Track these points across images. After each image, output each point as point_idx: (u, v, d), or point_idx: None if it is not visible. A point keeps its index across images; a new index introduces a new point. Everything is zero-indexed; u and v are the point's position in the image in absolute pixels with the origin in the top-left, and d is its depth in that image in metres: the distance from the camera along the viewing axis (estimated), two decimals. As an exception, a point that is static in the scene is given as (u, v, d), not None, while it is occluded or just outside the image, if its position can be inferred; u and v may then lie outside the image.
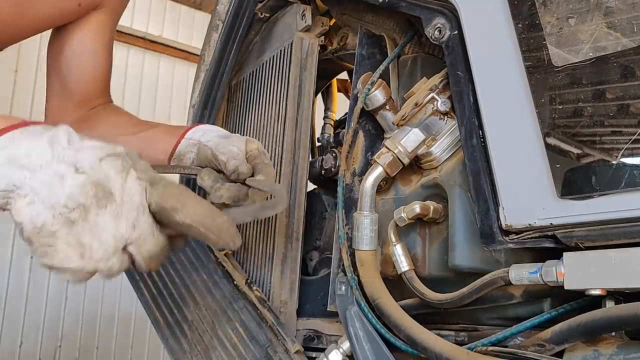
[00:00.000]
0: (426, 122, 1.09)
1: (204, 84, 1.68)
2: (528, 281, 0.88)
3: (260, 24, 1.68)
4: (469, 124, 0.98)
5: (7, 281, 4.81)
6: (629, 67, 0.80)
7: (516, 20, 0.90)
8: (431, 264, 1.09)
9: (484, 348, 0.94)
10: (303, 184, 1.40)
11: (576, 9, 0.84)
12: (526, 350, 0.88)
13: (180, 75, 5.82)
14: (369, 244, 1.12)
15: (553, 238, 0.87)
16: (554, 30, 0.86)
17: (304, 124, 1.43)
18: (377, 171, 1.10)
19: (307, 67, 1.45)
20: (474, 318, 1.08)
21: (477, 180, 0.96)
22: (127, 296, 5.12)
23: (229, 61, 1.62)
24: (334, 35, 1.55)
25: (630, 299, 0.79)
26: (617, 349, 0.80)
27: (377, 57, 1.30)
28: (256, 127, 1.60)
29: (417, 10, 1.10)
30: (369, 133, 1.26)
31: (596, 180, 0.81)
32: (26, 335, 4.84)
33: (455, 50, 1.01)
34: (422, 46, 1.26)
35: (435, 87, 1.09)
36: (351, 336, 1.11)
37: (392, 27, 1.32)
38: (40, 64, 4.85)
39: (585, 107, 0.84)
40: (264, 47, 1.66)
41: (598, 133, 0.84)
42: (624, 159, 0.79)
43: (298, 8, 1.52)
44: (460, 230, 1.01)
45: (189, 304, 1.53)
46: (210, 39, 1.70)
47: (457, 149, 1.08)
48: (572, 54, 0.85)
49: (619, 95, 0.81)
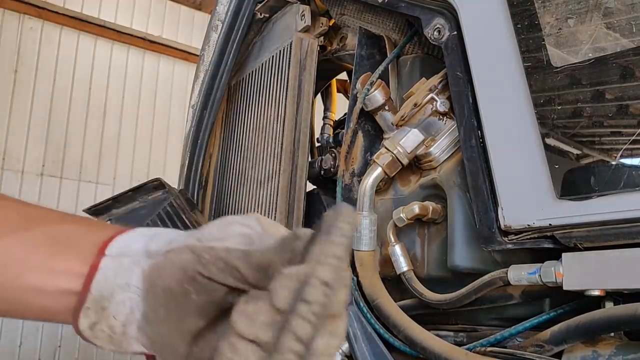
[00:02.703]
0: (425, 123, 1.09)
1: (204, 84, 1.68)
2: (527, 282, 0.88)
3: (259, 24, 1.68)
4: (468, 124, 0.98)
5: (6, 281, 4.80)
6: (628, 68, 0.80)
7: (515, 21, 0.90)
8: (430, 264, 1.09)
9: (483, 348, 0.94)
10: (302, 184, 1.40)
11: (575, 9, 0.84)
12: (525, 350, 0.88)
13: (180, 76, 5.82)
14: (368, 244, 1.11)
15: (552, 239, 0.87)
16: (553, 30, 0.86)
17: (303, 124, 1.43)
18: (376, 171, 1.10)
19: (307, 68, 1.45)
20: (472, 318, 1.08)
21: (476, 181, 0.96)
22: (126, 296, 5.12)
23: (228, 61, 1.63)
24: (334, 36, 1.55)
25: (629, 299, 0.79)
26: (616, 349, 0.80)
27: (377, 58, 1.30)
28: (256, 127, 1.60)
29: (416, 10, 1.10)
30: (368, 133, 1.26)
31: (595, 181, 0.81)
32: (26, 335, 4.84)
33: (454, 51, 1.01)
34: (422, 47, 1.26)
35: (434, 87, 1.09)
36: (350, 336, 1.11)
37: (391, 28, 1.32)
38: (40, 64, 4.85)
39: (584, 107, 0.84)
40: (263, 47, 1.66)
41: (597, 134, 0.84)
42: (622, 159, 0.79)
43: (297, 8, 1.52)
44: (459, 230, 1.01)
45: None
46: (209, 39, 1.70)
47: (456, 150, 1.08)
48: (571, 54, 0.84)
49: (618, 96, 0.81)
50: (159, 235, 0.52)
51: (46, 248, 0.53)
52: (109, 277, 0.50)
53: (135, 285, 0.49)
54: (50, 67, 4.93)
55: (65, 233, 0.55)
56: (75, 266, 0.51)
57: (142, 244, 0.51)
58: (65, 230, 0.55)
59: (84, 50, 5.15)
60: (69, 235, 0.54)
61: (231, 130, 1.75)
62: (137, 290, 0.49)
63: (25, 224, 0.54)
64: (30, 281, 0.52)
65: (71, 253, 0.52)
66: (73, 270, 0.51)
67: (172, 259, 0.47)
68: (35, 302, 0.53)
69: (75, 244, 0.53)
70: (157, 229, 0.54)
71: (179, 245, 0.48)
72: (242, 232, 0.48)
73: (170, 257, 0.47)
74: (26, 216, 0.56)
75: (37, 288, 0.52)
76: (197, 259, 0.46)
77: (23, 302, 0.53)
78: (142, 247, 0.51)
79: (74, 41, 5.10)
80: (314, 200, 1.59)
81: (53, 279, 0.52)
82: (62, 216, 0.58)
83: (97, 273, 0.50)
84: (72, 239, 0.54)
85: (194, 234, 0.49)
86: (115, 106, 5.19)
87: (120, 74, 5.38)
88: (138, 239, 0.52)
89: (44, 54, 4.91)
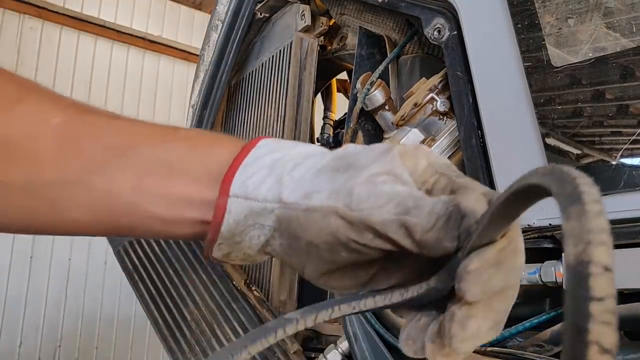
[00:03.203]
0: (425, 123, 1.09)
1: (204, 84, 1.69)
2: (527, 282, 0.88)
3: (259, 23, 1.68)
4: (468, 124, 0.98)
5: (7, 281, 4.81)
6: (628, 68, 0.79)
7: (515, 21, 0.90)
8: (430, 264, 1.09)
9: (483, 348, 0.94)
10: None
11: (575, 9, 0.84)
12: (525, 350, 0.88)
13: (180, 75, 5.82)
14: (368, 244, 1.11)
15: (552, 238, 0.87)
16: (553, 30, 0.86)
17: (303, 124, 1.43)
18: (376, 171, 1.10)
19: (307, 67, 1.45)
20: (473, 318, 1.08)
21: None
22: (126, 296, 5.12)
23: (228, 61, 1.63)
24: (334, 35, 1.55)
25: (629, 299, 0.79)
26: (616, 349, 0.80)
27: (377, 57, 1.30)
28: (255, 126, 1.60)
29: (416, 10, 1.10)
30: (368, 133, 1.26)
31: (595, 181, 0.80)
32: (26, 335, 4.84)
33: (454, 51, 1.01)
34: (422, 46, 1.26)
35: (434, 87, 1.09)
36: (350, 336, 1.11)
37: (391, 27, 1.32)
38: (40, 64, 4.86)
39: (584, 107, 0.84)
40: (263, 47, 1.67)
41: (597, 133, 0.84)
42: (623, 159, 0.79)
43: (297, 8, 1.52)
44: (460, 230, 1.01)
45: (188, 305, 1.53)
46: (209, 39, 1.70)
47: (457, 149, 1.08)
48: (571, 54, 0.84)
49: (618, 96, 0.81)
50: (287, 175, 0.46)
51: (162, 175, 0.48)
52: (239, 221, 0.47)
53: (271, 226, 0.46)
54: (50, 66, 4.94)
55: (178, 155, 0.49)
56: (196, 196, 0.48)
57: (269, 184, 0.46)
58: (177, 152, 0.49)
59: (84, 50, 5.15)
60: (182, 159, 0.49)
61: (231, 130, 1.75)
62: (274, 231, 0.46)
63: (129, 144, 0.49)
64: (149, 209, 0.48)
65: (189, 182, 0.48)
66: (195, 201, 0.48)
67: (317, 222, 0.43)
68: (158, 229, 0.50)
69: (190, 170, 0.49)
70: (277, 156, 0.48)
71: (323, 204, 0.43)
72: (392, 192, 0.41)
73: (314, 219, 0.43)
74: (129, 135, 0.50)
75: (158, 217, 0.49)
76: (349, 226, 0.41)
77: (144, 227, 0.50)
78: (273, 192, 0.45)
79: (74, 41, 5.11)
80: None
81: (175, 209, 0.48)
82: (163, 132, 0.51)
83: (225, 215, 0.47)
84: (185, 164, 0.49)
85: (340, 192, 0.43)
86: (116, 106, 5.19)
87: (120, 73, 5.38)
88: (262, 172, 0.47)
89: (44, 54, 4.91)
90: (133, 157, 0.48)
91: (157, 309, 1.62)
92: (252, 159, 0.48)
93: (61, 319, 5.07)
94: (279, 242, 0.46)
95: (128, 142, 0.49)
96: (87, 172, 0.48)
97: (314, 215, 0.43)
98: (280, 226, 0.45)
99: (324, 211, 0.43)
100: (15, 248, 4.88)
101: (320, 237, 0.43)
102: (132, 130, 0.51)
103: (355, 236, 0.41)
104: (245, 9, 1.58)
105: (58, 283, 5.07)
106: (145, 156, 0.49)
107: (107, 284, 5.25)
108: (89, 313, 5.16)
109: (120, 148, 0.49)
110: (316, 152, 0.48)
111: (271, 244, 0.47)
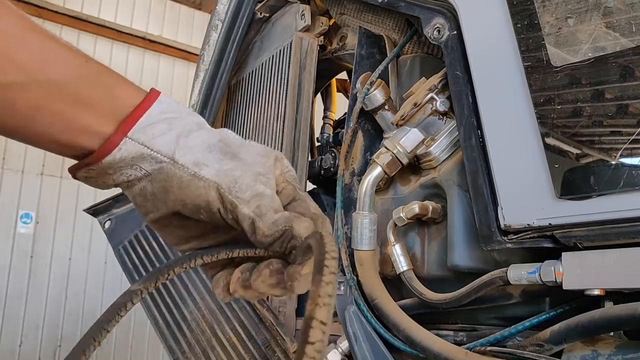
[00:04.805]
0: (425, 122, 1.09)
1: (204, 84, 1.69)
2: (527, 281, 0.88)
3: (259, 23, 1.68)
4: (467, 123, 0.98)
5: (7, 281, 4.81)
6: (627, 67, 0.79)
7: (515, 20, 0.90)
8: (430, 263, 1.09)
9: (483, 348, 0.94)
10: (302, 184, 1.40)
11: (575, 9, 0.84)
12: (525, 350, 0.88)
13: (180, 75, 5.82)
14: (368, 243, 1.11)
15: (551, 238, 0.87)
16: (553, 30, 0.86)
17: (303, 124, 1.43)
18: (376, 171, 1.10)
19: (307, 67, 1.45)
20: (472, 318, 1.08)
21: (475, 180, 0.96)
22: (126, 296, 5.12)
23: (228, 61, 1.63)
24: (334, 35, 1.55)
25: (629, 299, 0.79)
26: (616, 349, 0.80)
27: (377, 57, 1.30)
28: (255, 126, 1.60)
29: (416, 10, 1.10)
30: (368, 133, 1.26)
31: (595, 181, 0.81)
32: (26, 335, 4.84)
33: (454, 50, 1.01)
34: (421, 46, 1.26)
35: (434, 87, 1.09)
36: (350, 336, 1.11)
37: (391, 27, 1.32)
38: (40, 64, 4.85)
39: (584, 107, 0.84)
40: (263, 46, 1.67)
41: (597, 133, 0.84)
42: (622, 159, 0.79)
43: (297, 8, 1.52)
44: (459, 230, 1.01)
45: (188, 304, 1.53)
46: (209, 38, 1.70)
47: (456, 149, 1.08)
48: (571, 54, 0.84)
49: (618, 96, 0.81)
50: (183, 138, 0.55)
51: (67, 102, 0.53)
52: (124, 158, 0.54)
53: (148, 172, 0.55)
54: (50, 66, 4.93)
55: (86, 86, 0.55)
56: (95, 127, 0.54)
57: (166, 140, 0.54)
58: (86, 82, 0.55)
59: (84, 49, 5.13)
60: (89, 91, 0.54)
61: (231, 129, 1.75)
62: (147, 176, 0.55)
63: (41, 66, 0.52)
64: (46, 130, 0.53)
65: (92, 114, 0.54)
66: (91, 131, 0.54)
67: (198, 188, 0.54)
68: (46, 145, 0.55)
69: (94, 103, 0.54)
70: (176, 116, 0.57)
71: (210, 178, 0.54)
72: (260, 193, 0.55)
73: (197, 185, 0.54)
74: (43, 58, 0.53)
75: (52, 137, 0.54)
76: (222, 203, 0.54)
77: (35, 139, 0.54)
78: (168, 147, 0.54)
79: (73, 41, 5.10)
80: (314, 200, 1.59)
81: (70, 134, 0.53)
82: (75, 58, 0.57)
83: (114, 150, 0.53)
84: (92, 96, 0.54)
85: (227, 175, 0.55)
86: (115, 106, 5.19)
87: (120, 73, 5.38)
88: (162, 126, 0.55)
89: (44, 54, 4.91)
90: (42, 80, 0.51)
91: (157, 308, 1.62)
92: (156, 111, 0.55)
93: (61, 319, 5.07)
94: (144, 185, 0.56)
95: (40, 64, 0.52)
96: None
97: (198, 182, 0.54)
98: (158, 176, 0.55)
99: (209, 183, 0.54)
100: (15, 247, 4.88)
101: (194, 200, 0.54)
102: (45, 55, 0.53)
103: (222, 211, 0.54)
104: (245, 9, 1.58)
105: (58, 283, 5.07)
106: (55, 82, 0.52)
107: (107, 283, 5.25)
108: (89, 313, 5.16)
109: (32, 70, 0.51)
110: (205, 125, 0.58)
111: (135, 183, 0.56)
